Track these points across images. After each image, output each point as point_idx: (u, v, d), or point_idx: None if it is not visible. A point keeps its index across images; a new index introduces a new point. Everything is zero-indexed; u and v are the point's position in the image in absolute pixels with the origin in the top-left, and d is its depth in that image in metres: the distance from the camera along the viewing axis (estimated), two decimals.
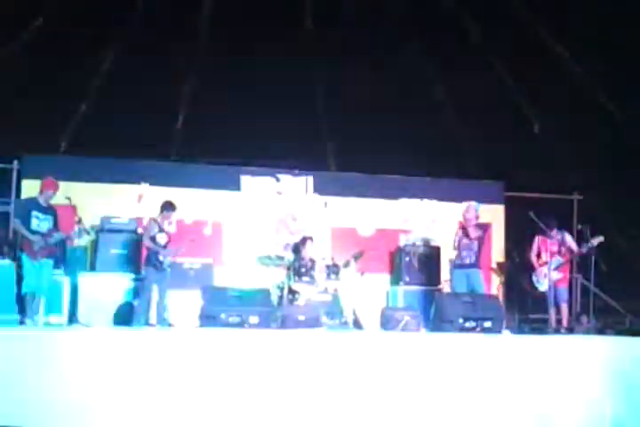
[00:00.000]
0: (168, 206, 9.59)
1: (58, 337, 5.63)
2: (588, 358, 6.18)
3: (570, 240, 9.93)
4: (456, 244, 10.10)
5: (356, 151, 12.42)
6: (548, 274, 9.73)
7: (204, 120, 12.19)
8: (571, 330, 9.97)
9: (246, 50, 11.86)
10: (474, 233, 9.94)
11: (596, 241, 9.55)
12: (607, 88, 11.66)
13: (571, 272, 10.57)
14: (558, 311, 9.78)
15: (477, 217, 10.11)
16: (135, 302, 9.54)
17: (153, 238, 9.38)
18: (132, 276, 10.00)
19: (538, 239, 10.04)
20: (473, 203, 10.18)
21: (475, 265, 9.86)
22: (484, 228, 10.32)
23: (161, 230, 9.44)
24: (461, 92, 12.80)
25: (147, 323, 9.22)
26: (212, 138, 11.91)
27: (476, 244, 9.92)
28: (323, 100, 13.06)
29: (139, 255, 10.22)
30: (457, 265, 10.07)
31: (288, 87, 11.98)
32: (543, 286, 9.84)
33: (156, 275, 9.31)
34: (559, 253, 9.82)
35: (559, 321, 9.78)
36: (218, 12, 12.11)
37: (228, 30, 11.99)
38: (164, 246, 9.40)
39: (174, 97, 12.40)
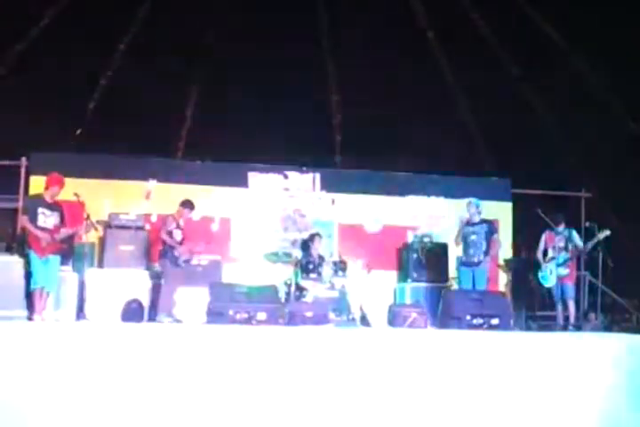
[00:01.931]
0: (188, 204, 9.74)
1: (66, 333, 5.64)
2: (595, 356, 6.17)
3: (577, 237, 9.92)
4: (460, 239, 10.11)
5: (363, 148, 12.43)
6: (554, 270, 9.73)
7: (212, 117, 12.22)
8: (578, 327, 9.95)
9: (253, 47, 11.88)
10: (480, 230, 9.97)
11: (602, 235, 9.54)
12: (614, 85, 11.66)
13: (578, 269, 10.55)
14: (565, 308, 9.77)
15: (479, 212, 10.11)
16: (149, 297, 9.62)
17: (170, 233, 9.49)
18: (140, 272, 10.02)
19: (545, 236, 10.03)
20: (472, 199, 10.20)
21: (481, 263, 9.85)
22: (493, 224, 10.30)
23: (178, 227, 9.55)
24: (470, 90, 12.81)
25: (154, 318, 9.26)
26: (220, 135, 11.93)
27: (484, 242, 9.91)
28: (331, 97, 13.08)
29: (147, 252, 10.26)
30: (464, 262, 10.06)
31: (296, 84, 11.99)
32: (549, 282, 9.84)
33: (173, 269, 9.40)
34: (565, 249, 9.80)
35: (567, 318, 9.76)
36: (221, 12, 12.15)
37: (232, 29, 12.02)
38: (180, 243, 9.51)
39: (182, 94, 12.44)
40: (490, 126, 12.83)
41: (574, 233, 9.93)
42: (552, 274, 9.77)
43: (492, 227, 10.10)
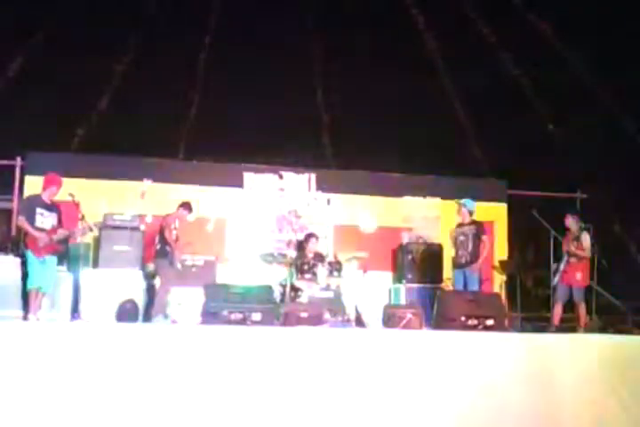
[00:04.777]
0: (187, 207, 9.87)
1: (60, 333, 5.63)
2: (589, 357, 6.18)
3: (584, 237, 9.79)
4: (452, 242, 10.13)
5: (358, 149, 12.44)
6: (558, 271, 9.72)
7: (208, 118, 12.22)
8: (573, 329, 9.95)
9: (249, 48, 11.90)
10: (469, 231, 9.99)
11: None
12: (610, 87, 11.68)
13: None
14: (564, 310, 9.76)
15: (471, 213, 10.12)
16: (144, 297, 9.62)
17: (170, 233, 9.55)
18: (135, 272, 10.01)
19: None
20: (462, 200, 10.21)
21: (469, 264, 9.87)
22: (482, 226, 10.30)
23: (174, 227, 9.60)
24: (466, 90, 12.83)
25: (149, 319, 9.26)
26: (215, 135, 11.93)
27: (471, 243, 9.92)
28: (325, 97, 13.08)
29: (141, 252, 10.24)
30: (455, 264, 10.10)
31: (291, 85, 12.01)
32: (553, 282, 9.84)
33: (168, 270, 9.43)
34: (569, 251, 9.76)
35: (573, 320, 9.75)
36: (221, 13, 12.17)
37: (232, 30, 12.03)
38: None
39: (178, 96, 12.43)
40: (486, 127, 12.85)
41: (585, 234, 9.80)
42: (555, 276, 9.75)
43: (480, 228, 10.11)
